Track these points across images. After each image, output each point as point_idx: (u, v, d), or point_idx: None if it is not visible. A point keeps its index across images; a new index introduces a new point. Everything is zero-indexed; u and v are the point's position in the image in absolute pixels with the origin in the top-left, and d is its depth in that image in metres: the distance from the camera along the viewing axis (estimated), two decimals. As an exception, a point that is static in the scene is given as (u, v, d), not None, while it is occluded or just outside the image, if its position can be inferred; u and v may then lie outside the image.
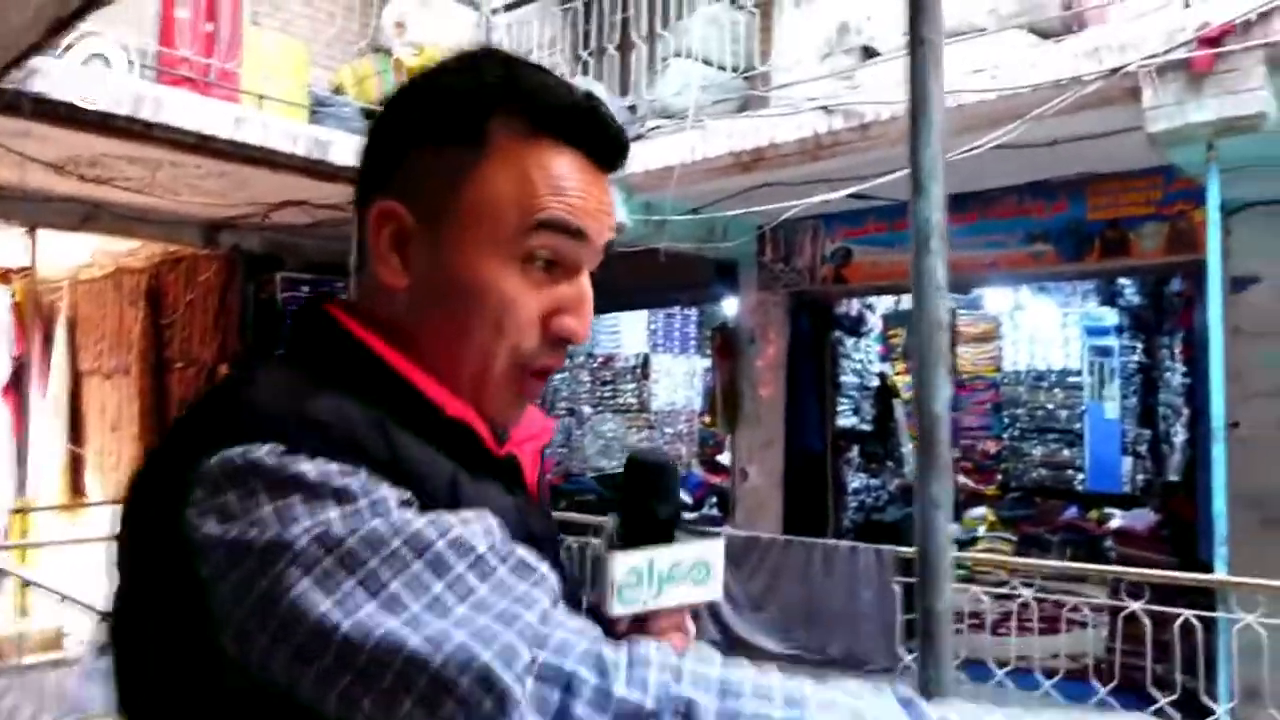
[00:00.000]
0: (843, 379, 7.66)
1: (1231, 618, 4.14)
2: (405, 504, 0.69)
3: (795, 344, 6.85)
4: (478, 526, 0.69)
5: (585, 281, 0.85)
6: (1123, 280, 7.03)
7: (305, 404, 0.72)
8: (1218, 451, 4.26)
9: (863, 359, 8.08)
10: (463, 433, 0.80)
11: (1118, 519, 6.85)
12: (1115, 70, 4.02)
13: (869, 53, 5.11)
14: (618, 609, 0.84)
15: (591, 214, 0.83)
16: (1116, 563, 5.91)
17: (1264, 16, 3.69)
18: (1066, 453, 8.19)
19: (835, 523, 7.02)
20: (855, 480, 7.77)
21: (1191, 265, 5.03)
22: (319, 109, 5.93)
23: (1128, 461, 7.63)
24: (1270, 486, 4.86)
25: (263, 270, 7.04)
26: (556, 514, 4.90)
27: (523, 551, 0.70)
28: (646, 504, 0.89)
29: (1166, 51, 3.93)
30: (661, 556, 0.87)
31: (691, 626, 0.92)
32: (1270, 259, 4.86)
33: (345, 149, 5.47)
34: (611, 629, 0.82)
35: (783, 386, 6.86)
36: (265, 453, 0.68)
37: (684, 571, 0.88)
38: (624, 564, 0.85)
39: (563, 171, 0.81)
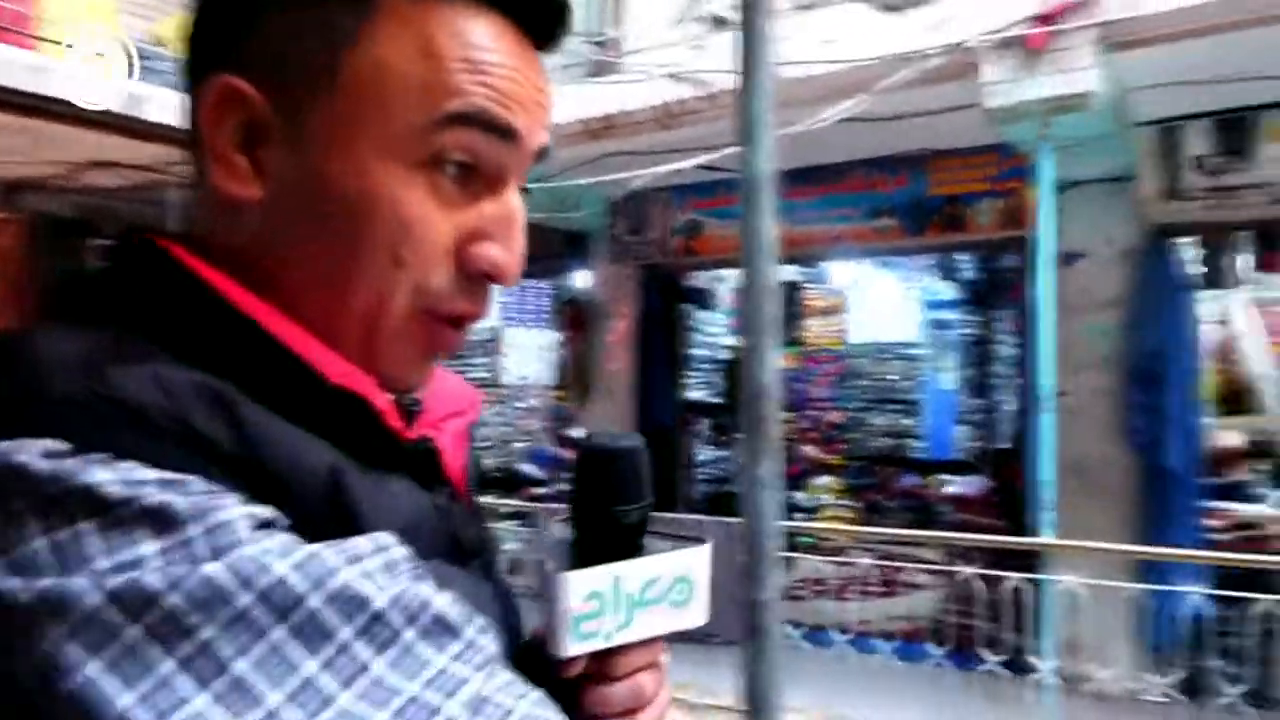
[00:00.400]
0: (693, 352, 7.67)
1: (1056, 579, 4.33)
2: (263, 527, 0.47)
3: (646, 317, 6.79)
4: (374, 564, 0.48)
5: (514, 198, 0.62)
6: (960, 255, 7.27)
7: (107, 374, 0.48)
8: (1046, 421, 4.43)
9: (714, 332, 8.10)
10: (353, 408, 0.57)
11: (952, 485, 7.10)
12: (955, 45, 4.08)
13: (720, 22, 5.05)
14: (572, 647, 0.62)
15: (523, 103, 0.60)
16: (952, 527, 6.12)
17: (1093, -2, 3.80)
18: (906, 422, 8.46)
19: (685, 496, 7.04)
20: (706, 453, 7.81)
21: (1023, 241, 5.21)
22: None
23: (962, 430, 7.93)
24: (1092, 454, 5.10)
25: (71, 237, 6.46)
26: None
27: (442, 601, 0.49)
28: (606, 506, 0.65)
29: (1003, 28, 4.01)
30: (630, 573, 0.65)
31: (666, 662, 0.70)
32: (1096, 235, 5.08)
33: (164, 106, 5.03)
34: (560, 673, 0.63)
35: (633, 360, 6.80)
36: (38, 453, 0.45)
37: (661, 591, 0.66)
38: (581, 587, 0.62)
39: (483, 41, 0.58)
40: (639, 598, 0.65)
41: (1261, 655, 4.18)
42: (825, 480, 7.88)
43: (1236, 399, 6.00)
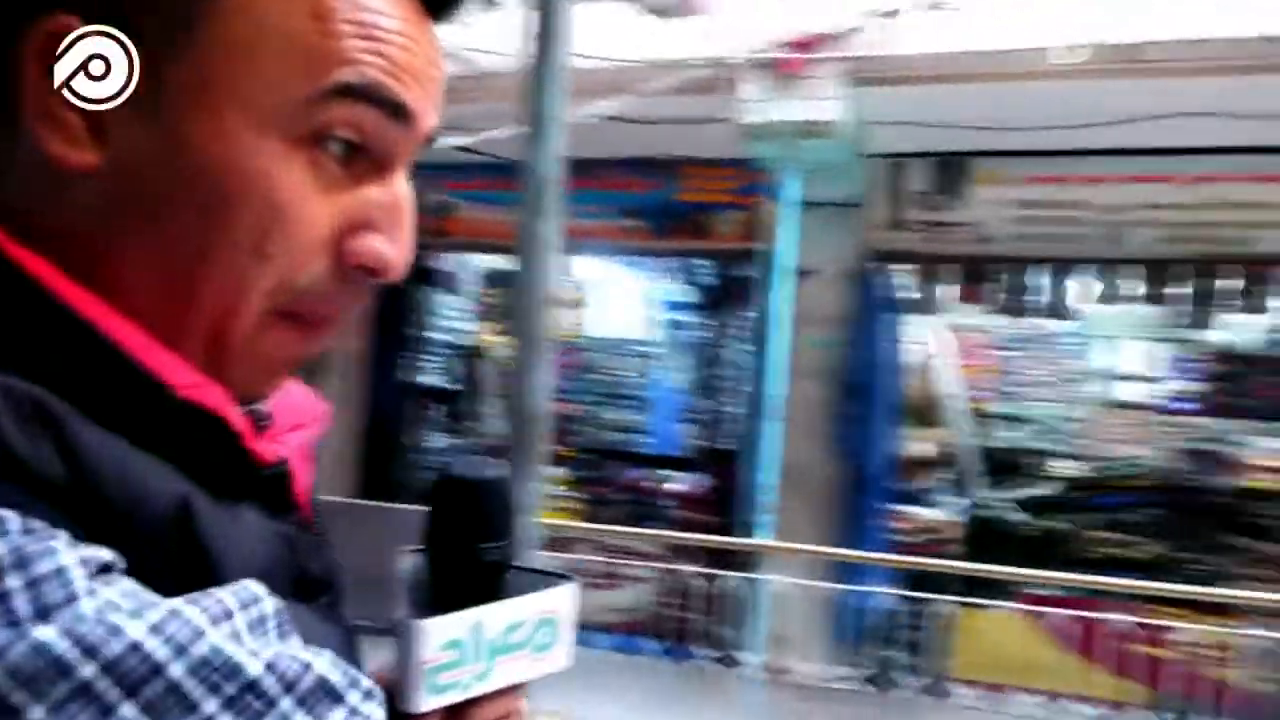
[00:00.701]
0: (431, 336, 7.46)
1: (769, 578, 4.58)
2: (102, 572, 0.39)
3: (384, 296, 6.48)
4: (242, 621, 0.41)
5: (403, 184, 0.54)
6: (700, 261, 7.54)
7: None
8: (771, 427, 4.67)
9: (454, 317, 7.92)
10: (204, 426, 0.49)
11: (675, 482, 7.36)
12: (717, 59, 4.20)
13: (489, 2, 4.91)
14: (426, 702, 0.56)
15: (418, 78, 0.52)
16: (673, 523, 6.34)
17: (845, 34, 4.04)
18: (635, 418, 8.66)
19: (409, 484, 6.84)
20: (438, 440, 7.62)
21: (760, 254, 5.46)
22: None
23: (688, 429, 8.22)
24: (807, 460, 5.44)
25: None
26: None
27: (323, 664, 0.43)
28: (467, 543, 0.60)
29: (761, 50, 4.18)
30: (493, 618, 0.59)
31: (525, 710, 0.65)
32: (825, 255, 5.42)
33: None
34: None
35: (367, 339, 6.51)
36: None
37: (525, 636, 0.61)
38: (439, 635, 0.56)
39: (377, 4, 0.50)
40: (501, 644, 0.60)
41: (938, 649, 4.63)
42: (557, 471, 7.94)
43: (927, 413, 6.62)
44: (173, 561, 0.44)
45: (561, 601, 0.63)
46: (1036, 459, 6.72)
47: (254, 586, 0.44)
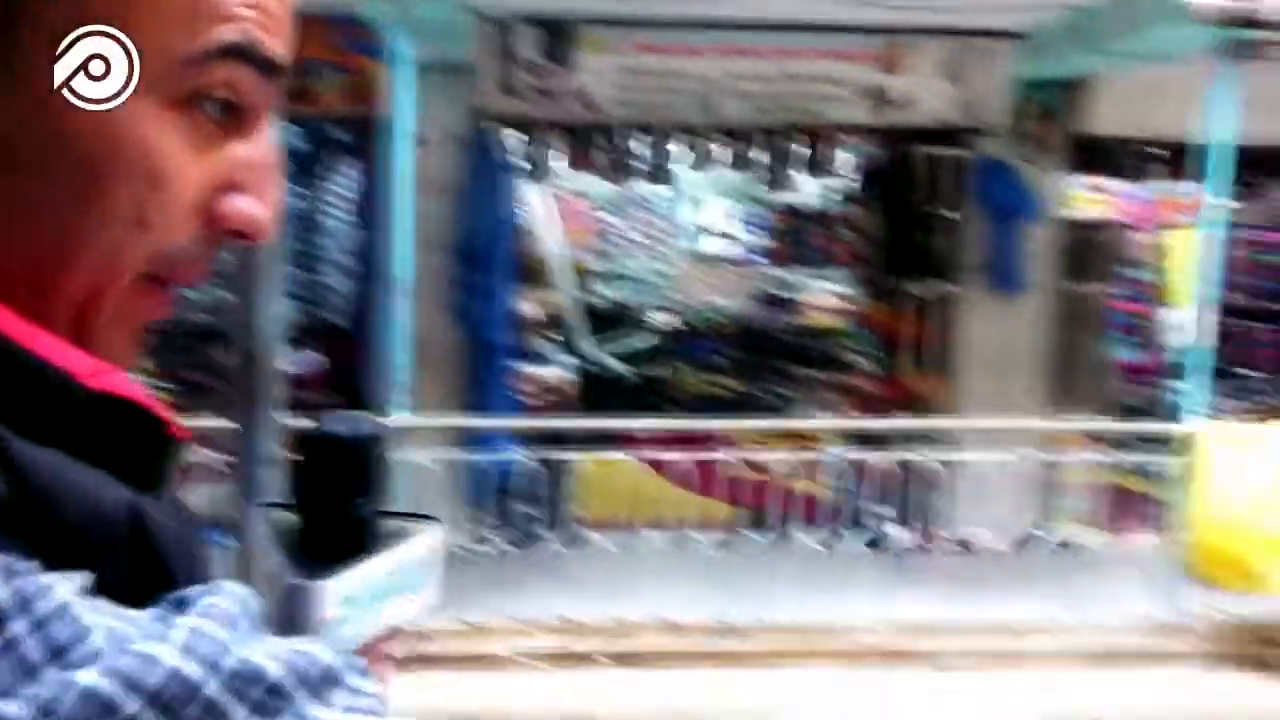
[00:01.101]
0: None
1: (405, 457, 4.56)
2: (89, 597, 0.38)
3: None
4: (244, 625, 0.41)
5: (267, 138, 0.52)
6: (297, 124, 6.96)
7: None
8: (400, 304, 4.56)
9: None
10: (127, 417, 0.46)
11: (285, 363, 6.95)
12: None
13: None
14: None
15: (283, 27, 0.50)
16: (291, 407, 6.04)
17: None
18: (225, 295, 8.00)
19: None
20: None
21: (371, 117, 5.17)
22: None
23: (289, 305, 7.76)
24: (430, 331, 5.39)
25: None
26: None
27: (323, 651, 0.42)
28: (344, 501, 0.61)
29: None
30: (379, 569, 0.62)
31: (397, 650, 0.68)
32: (437, 120, 5.25)
33: None
34: None
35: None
36: None
37: (403, 580, 0.64)
38: (337, 594, 0.59)
39: None
40: (383, 591, 0.63)
41: (571, 501, 4.94)
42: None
43: (537, 275, 6.84)
44: (127, 571, 0.43)
45: (434, 543, 0.67)
46: (635, 312, 7.26)
47: (238, 588, 0.43)
